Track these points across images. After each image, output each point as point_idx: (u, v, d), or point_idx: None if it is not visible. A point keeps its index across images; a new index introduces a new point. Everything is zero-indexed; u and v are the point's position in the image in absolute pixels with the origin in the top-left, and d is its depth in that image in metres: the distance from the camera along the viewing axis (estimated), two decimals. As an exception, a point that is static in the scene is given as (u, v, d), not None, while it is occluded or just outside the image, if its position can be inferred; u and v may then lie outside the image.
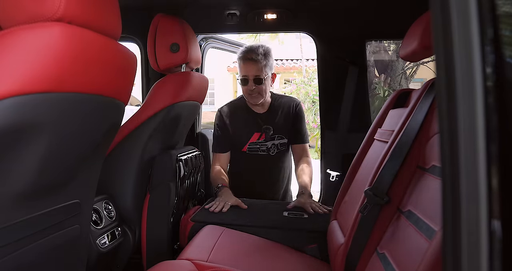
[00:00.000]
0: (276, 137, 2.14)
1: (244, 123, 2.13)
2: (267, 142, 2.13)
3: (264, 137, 2.13)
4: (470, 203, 0.45)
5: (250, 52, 1.99)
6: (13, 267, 0.84)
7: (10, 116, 0.72)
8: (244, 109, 2.15)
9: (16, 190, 0.82)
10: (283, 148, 2.17)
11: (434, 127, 0.99)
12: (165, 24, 1.65)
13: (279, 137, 2.14)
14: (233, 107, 2.18)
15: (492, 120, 0.45)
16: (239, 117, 2.14)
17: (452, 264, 0.47)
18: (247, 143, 2.14)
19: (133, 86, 1.10)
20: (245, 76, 2.01)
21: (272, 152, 2.14)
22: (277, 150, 2.15)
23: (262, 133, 2.13)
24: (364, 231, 1.08)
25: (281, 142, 2.15)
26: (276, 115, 2.13)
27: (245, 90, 2.04)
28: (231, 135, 2.13)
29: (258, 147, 2.14)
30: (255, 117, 2.13)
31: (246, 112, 2.14)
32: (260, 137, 2.14)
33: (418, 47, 1.14)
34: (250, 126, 2.13)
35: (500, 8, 0.47)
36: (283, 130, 2.14)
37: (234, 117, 2.14)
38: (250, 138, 2.13)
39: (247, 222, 1.65)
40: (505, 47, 0.47)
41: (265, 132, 2.13)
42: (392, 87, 6.45)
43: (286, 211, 1.77)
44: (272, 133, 2.12)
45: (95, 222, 1.36)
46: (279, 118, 2.13)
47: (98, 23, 0.88)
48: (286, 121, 2.14)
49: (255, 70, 1.99)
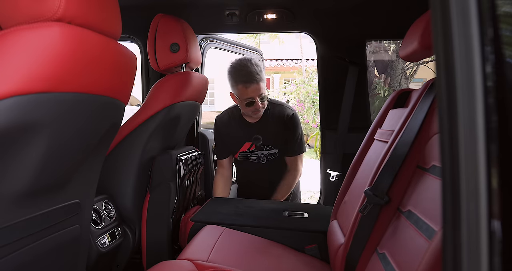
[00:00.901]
0: (265, 147, 2.14)
1: (236, 132, 2.15)
2: (257, 151, 2.14)
3: (254, 147, 2.14)
4: (470, 203, 0.45)
5: (249, 75, 1.95)
6: (13, 267, 0.84)
7: (10, 116, 0.72)
8: (238, 119, 2.17)
9: (16, 190, 0.82)
10: (273, 157, 2.16)
11: (434, 127, 0.99)
12: (165, 24, 1.65)
13: (268, 148, 2.14)
14: (228, 116, 2.21)
15: (492, 120, 0.45)
16: (232, 127, 2.17)
17: (452, 264, 0.47)
18: (237, 151, 2.17)
19: (133, 86, 1.10)
20: (251, 99, 1.98)
21: (262, 160, 2.16)
22: (266, 159, 2.15)
23: (252, 143, 2.14)
24: (364, 231, 1.08)
25: (270, 152, 2.15)
26: (267, 125, 2.12)
27: (251, 109, 2.02)
28: (226, 142, 2.18)
29: (248, 156, 2.16)
30: (246, 127, 2.14)
31: (238, 121, 2.16)
32: (251, 146, 2.15)
33: (418, 47, 1.14)
34: (241, 136, 2.14)
35: (500, 8, 0.47)
36: (272, 141, 2.13)
37: (228, 126, 2.17)
38: (240, 147, 2.16)
39: (247, 222, 1.65)
40: (505, 47, 0.47)
41: (254, 142, 2.13)
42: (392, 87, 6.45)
43: (286, 210, 1.78)
44: (261, 143, 2.12)
45: (95, 222, 1.36)
46: (270, 129, 2.12)
47: (98, 23, 0.88)
48: (277, 132, 2.12)
49: (259, 90, 1.98)
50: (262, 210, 1.80)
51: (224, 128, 2.18)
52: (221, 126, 2.19)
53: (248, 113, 2.07)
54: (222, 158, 2.21)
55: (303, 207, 1.88)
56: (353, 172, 1.51)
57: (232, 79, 2.00)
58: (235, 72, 1.99)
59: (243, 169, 2.24)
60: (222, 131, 2.19)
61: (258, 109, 2.02)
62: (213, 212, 1.76)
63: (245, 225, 1.63)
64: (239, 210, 1.78)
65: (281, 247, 1.54)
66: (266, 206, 1.85)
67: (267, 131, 2.12)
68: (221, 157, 2.21)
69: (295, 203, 2.23)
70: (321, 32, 2.09)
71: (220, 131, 2.19)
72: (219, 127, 2.20)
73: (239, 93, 1.99)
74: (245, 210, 1.79)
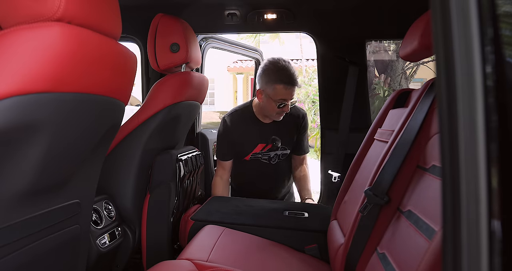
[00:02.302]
0: (280, 148, 2.14)
1: (249, 133, 2.10)
2: (270, 152, 2.13)
3: (269, 147, 2.12)
4: (470, 203, 0.45)
5: (292, 77, 1.92)
6: (13, 267, 0.84)
7: (10, 116, 0.72)
8: (250, 119, 2.11)
9: (16, 189, 0.82)
10: (284, 158, 2.18)
11: (434, 127, 0.99)
12: (165, 24, 1.65)
13: (283, 148, 2.14)
14: (238, 116, 2.12)
15: (492, 120, 0.45)
16: (244, 128, 2.10)
17: (452, 264, 0.47)
18: (250, 153, 2.12)
19: (133, 86, 1.10)
20: (284, 100, 1.95)
21: (273, 161, 2.15)
22: (278, 159, 2.16)
23: (268, 144, 2.11)
24: (364, 231, 1.08)
25: (283, 152, 2.16)
26: (281, 126, 2.11)
27: (277, 111, 1.98)
28: (235, 144, 2.11)
29: (260, 156, 2.13)
30: (261, 128, 2.10)
31: (252, 122, 2.10)
32: (264, 147, 2.12)
33: (418, 47, 1.14)
34: (255, 137, 2.10)
35: (500, 7, 0.47)
36: (287, 141, 2.14)
37: (239, 127, 2.10)
38: (253, 149, 2.11)
39: (247, 221, 1.65)
40: (505, 47, 0.47)
41: (272, 143, 2.10)
42: (392, 87, 6.46)
43: (286, 210, 1.78)
44: (280, 144, 2.12)
45: (95, 222, 1.36)
46: (284, 129, 2.12)
47: (98, 23, 0.88)
48: (291, 133, 2.14)
49: (294, 93, 1.97)
50: (263, 209, 1.80)
51: (236, 129, 2.09)
52: (231, 127, 2.09)
53: (271, 114, 2.01)
54: (225, 160, 2.12)
55: (303, 207, 1.88)
56: (353, 172, 1.51)
57: (272, 77, 1.93)
58: (278, 71, 1.93)
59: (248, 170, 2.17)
60: (232, 132, 2.09)
61: (284, 112, 2.00)
62: (213, 210, 1.76)
63: (245, 224, 1.63)
64: (239, 209, 1.78)
65: (281, 247, 1.54)
66: (266, 206, 1.85)
67: (282, 132, 2.11)
68: (224, 159, 2.12)
69: (296, 203, 2.23)
70: (321, 32, 2.09)
71: (229, 132, 2.09)
72: (228, 127, 2.10)
73: (275, 93, 1.93)
74: (245, 209, 1.79)
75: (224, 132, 2.11)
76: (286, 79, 1.91)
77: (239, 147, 2.11)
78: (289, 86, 1.91)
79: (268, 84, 1.94)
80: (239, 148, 2.11)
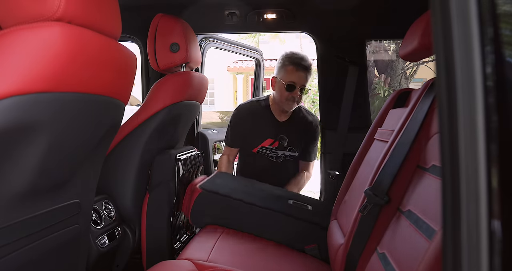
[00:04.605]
0: (288, 148, 2.14)
1: (261, 126, 2.12)
2: (278, 150, 2.13)
3: (277, 145, 2.13)
4: (470, 203, 0.45)
5: (305, 61, 1.99)
6: (13, 266, 0.84)
7: (10, 116, 0.72)
8: (265, 113, 2.13)
9: (16, 189, 0.82)
10: (291, 159, 2.18)
11: (434, 127, 0.99)
12: (165, 24, 1.65)
13: (291, 149, 2.15)
14: (253, 107, 2.16)
15: (492, 120, 0.45)
16: (257, 119, 2.12)
17: (452, 264, 0.47)
18: (257, 146, 2.13)
19: (133, 86, 1.10)
20: (293, 83, 1.99)
21: (279, 159, 2.15)
22: (285, 159, 2.16)
23: (276, 141, 2.12)
24: (364, 231, 1.08)
25: (291, 154, 2.16)
26: (295, 127, 2.13)
27: (286, 95, 2.01)
28: (245, 133, 2.13)
29: (268, 152, 2.14)
30: (274, 123, 2.12)
31: (266, 116, 2.13)
32: (272, 143, 2.13)
33: (418, 47, 1.14)
34: (266, 131, 2.12)
35: (500, 7, 0.47)
36: (296, 144, 2.14)
37: (252, 118, 2.13)
38: (262, 142, 2.13)
39: (253, 201, 1.63)
40: (505, 47, 0.47)
41: (279, 141, 2.12)
42: (392, 87, 6.45)
43: (291, 199, 1.77)
44: (286, 144, 2.12)
45: (95, 222, 1.36)
46: (296, 132, 2.13)
47: (98, 23, 0.88)
48: (301, 137, 2.15)
49: (304, 79, 2.00)
50: (269, 192, 1.79)
51: (249, 117, 2.13)
52: (245, 114, 2.14)
53: (282, 101, 2.03)
54: (233, 147, 2.16)
55: (308, 200, 1.87)
56: (353, 172, 1.51)
57: (284, 60, 2.01)
58: (292, 55, 2.02)
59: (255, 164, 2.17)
60: (245, 119, 2.13)
61: (294, 99, 2.01)
62: (221, 183, 1.75)
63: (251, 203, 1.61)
64: (247, 188, 1.77)
65: (281, 247, 1.54)
66: (272, 191, 1.83)
67: (293, 134, 2.12)
68: (233, 145, 2.16)
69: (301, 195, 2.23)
70: (321, 32, 2.09)
71: (242, 119, 2.14)
72: (242, 114, 2.15)
73: (285, 75, 2.00)
74: (252, 189, 1.77)
75: (237, 119, 2.16)
76: (296, 61, 1.99)
77: (248, 137, 2.13)
78: (300, 68, 1.97)
79: (281, 68, 2.03)
80: (249, 138, 2.14)
